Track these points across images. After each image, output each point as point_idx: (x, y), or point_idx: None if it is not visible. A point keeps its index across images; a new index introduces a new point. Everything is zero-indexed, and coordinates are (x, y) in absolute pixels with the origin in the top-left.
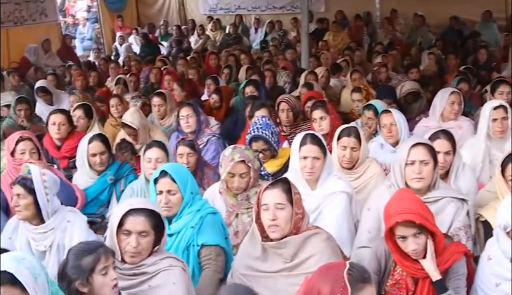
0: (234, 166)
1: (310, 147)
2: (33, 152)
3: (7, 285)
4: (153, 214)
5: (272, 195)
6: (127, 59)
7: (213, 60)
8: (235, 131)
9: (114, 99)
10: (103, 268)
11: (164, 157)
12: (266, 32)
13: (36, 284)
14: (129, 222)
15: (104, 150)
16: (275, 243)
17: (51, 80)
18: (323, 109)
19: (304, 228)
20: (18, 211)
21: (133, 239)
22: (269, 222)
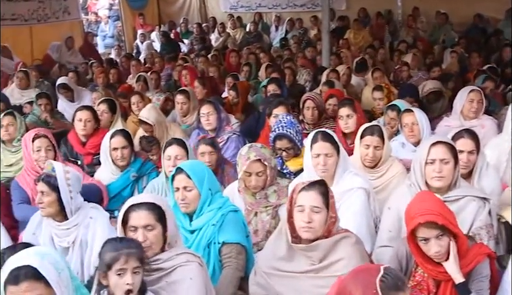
0: (250, 165)
1: (322, 145)
2: (49, 149)
3: (31, 280)
4: (156, 207)
5: (309, 197)
6: (149, 56)
7: (233, 58)
8: (256, 129)
9: (135, 97)
10: (120, 270)
11: (184, 154)
12: (286, 30)
13: (59, 279)
14: (133, 218)
15: (125, 144)
16: (306, 246)
17: (72, 77)
18: (350, 106)
19: (335, 231)
20: (42, 208)
21: (140, 234)
22: (303, 223)
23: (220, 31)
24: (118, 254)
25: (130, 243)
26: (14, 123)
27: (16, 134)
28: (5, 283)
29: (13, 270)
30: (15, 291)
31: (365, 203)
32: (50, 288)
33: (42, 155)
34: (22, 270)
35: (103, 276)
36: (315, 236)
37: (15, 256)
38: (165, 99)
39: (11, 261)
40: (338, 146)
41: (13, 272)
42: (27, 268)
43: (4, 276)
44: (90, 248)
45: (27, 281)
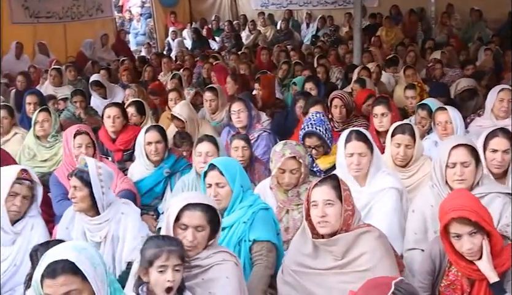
0: (285, 162)
1: (356, 144)
2: (89, 146)
3: (68, 274)
4: (209, 209)
5: (321, 192)
6: (180, 54)
7: (264, 56)
8: (285, 127)
9: (173, 93)
10: (161, 266)
11: (215, 151)
12: (317, 28)
13: (95, 273)
14: (186, 217)
15: (159, 139)
16: (326, 240)
17: (105, 74)
18: (385, 105)
19: (355, 226)
20: (75, 202)
21: (189, 233)
22: (318, 218)
23: (251, 29)
24: (159, 250)
25: (172, 240)
26: (49, 119)
27: (51, 130)
28: (42, 276)
29: (51, 263)
30: (52, 284)
31: (397, 203)
32: (86, 283)
33: (82, 151)
34: (59, 264)
35: (144, 273)
36: (332, 230)
37: (53, 250)
38: (195, 94)
39: (49, 254)
40: (372, 145)
41: (51, 266)
42: (64, 262)
43: (41, 269)
44: (122, 243)
45: (64, 275)
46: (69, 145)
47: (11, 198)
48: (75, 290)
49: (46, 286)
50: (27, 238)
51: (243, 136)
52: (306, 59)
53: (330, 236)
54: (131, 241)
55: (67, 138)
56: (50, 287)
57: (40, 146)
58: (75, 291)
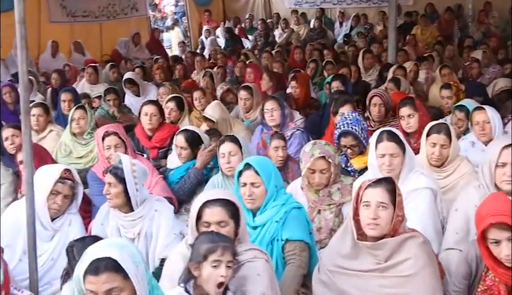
0: (314, 162)
1: (387, 145)
2: (118, 146)
3: (111, 271)
4: (229, 204)
5: (376, 194)
6: (213, 52)
7: (298, 54)
8: (320, 126)
9: (197, 92)
10: (215, 261)
11: (237, 150)
12: (351, 26)
13: (137, 271)
14: (206, 214)
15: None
16: (372, 244)
17: (139, 73)
18: (411, 106)
19: (401, 231)
20: (109, 199)
21: (212, 229)
22: (369, 220)
23: (284, 27)
24: (215, 245)
25: (225, 237)
26: (85, 116)
27: (87, 127)
28: (85, 273)
29: (94, 260)
30: (95, 281)
31: (432, 204)
32: (128, 280)
33: (111, 152)
34: (102, 261)
35: (195, 267)
36: (381, 234)
37: (95, 247)
38: (226, 90)
39: (91, 251)
40: (404, 145)
41: (94, 263)
42: (107, 259)
43: (84, 265)
44: (155, 240)
45: (107, 273)
46: (100, 146)
47: (53, 196)
48: (117, 287)
49: (89, 283)
50: (65, 233)
51: (281, 136)
52: (340, 58)
53: (376, 239)
54: (164, 238)
55: (98, 140)
56: (92, 283)
57: (76, 143)
58: (117, 288)
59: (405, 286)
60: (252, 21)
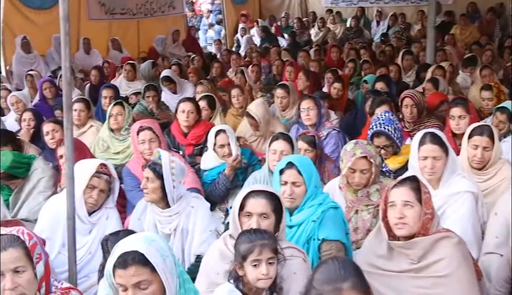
0: (356, 162)
1: (430, 147)
2: (152, 141)
3: (139, 265)
4: (273, 197)
5: (400, 193)
6: (249, 51)
7: (334, 53)
8: (354, 126)
9: (235, 90)
10: (255, 260)
11: (289, 149)
12: (388, 25)
13: (164, 265)
14: (250, 205)
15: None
16: (403, 243)
17: (175, 70)
18: (463, 107)
19: (434, 230)
20: (146, 193)
21: (254, 221)
22: (396, 219)
23: (320, 26)
24: (252, 245)
25: (263, 234)
26: (122, 112)
27: (124, 123)
28: (114, 266)
29: (122, 254)
30: (123, 274)
31: (472, 208)
32: (156, 274)
33: (146, 147)
34: (130, 254)
35: (239, 267)
36: (410, 233)
37: (124, 241)
38: None
39: (120, 245)
40: (447, 148)
41: (122, 256)
42: (135, 253)
43: (113, 259)
44: (191, 236)
45: (135, 266)
46: (135, 141)
47: (89, 190)
48: (145, 280)
49: (118, 276)
50: (102, 227)
51: (307, 138)
52: (378, 57)
53: (407, 239)
54: (200, 234)
55: (133, 134)
56: (121, 277)
57: (113, 139)
58: (145, 281)
59: (440, 287)
60: (288, 20)
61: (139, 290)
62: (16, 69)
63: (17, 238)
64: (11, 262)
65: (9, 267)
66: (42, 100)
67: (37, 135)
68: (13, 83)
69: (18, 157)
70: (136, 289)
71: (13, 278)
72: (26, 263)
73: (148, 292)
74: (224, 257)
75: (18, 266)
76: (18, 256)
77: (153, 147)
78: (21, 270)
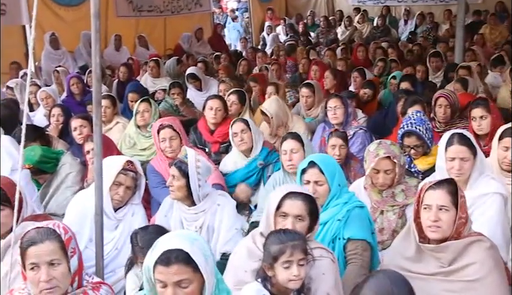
0: (379, 162)
1: (458, 148)
2: (173, 138)
3: (182, 263)
4: (309, 200)
5: (436, 196)
6: (275, 49)
7: (361, 52)
8: (384, 126)
9: (270, 87)
10: (286, 262)
11: (299, 147)
12: (415, 25)
13: (207, 264)
14: (286, 205)
15: (244, 128)
16: (434, 246)
17: (201, 67)
18: (484, 107)
19: (466, 234)
20: (171, 191)
21: (289, 222)
22: (430, 222)
23: (347, 25)
24: (283, 246)
25: (294, 235)
26: (149, 109)
27: (151, 120)
28: (155, 263)
29: (165, 251)
30: (165, 272)
31: (501, 210)
32: (197, 273)
33: (166, 145)
34: (173, 253)
35: (268, 268)
36: (443, 237)
37: (166, 238)
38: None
39: (162, 242)
40: (475, 149)
41: (165, 253)
42: (178, 251)
43: (155, 256)
44: (217, 234)
45: (178, 264)
46: (155, 139)
47: (115, 187)
48: (187, 279)
49: (159, 273)
50: (128, 223)
51: (341, 134)
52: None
53: (439, 242)
54: (226, 232)
55: (154, 133)
56: (162, 274)
57: (140, 135)
58: (186, 280)
59: (471, 291)
60: (314, 18)
61: (179, 288)
62: (44, 65)
63: (53, 231)
64: (47, 255)
65: (45, 259)
66: (70, 96)
67: (65, 130)
68: (41, 79)
69: (46, 152)
70: (176, 287)
71: (48, 271)
72: (61, 256)
73: (188, 291)
74: (253, 255)
75: (54, 259)
76: (54, 249)
77: (174, 145)
78: (56, 262)
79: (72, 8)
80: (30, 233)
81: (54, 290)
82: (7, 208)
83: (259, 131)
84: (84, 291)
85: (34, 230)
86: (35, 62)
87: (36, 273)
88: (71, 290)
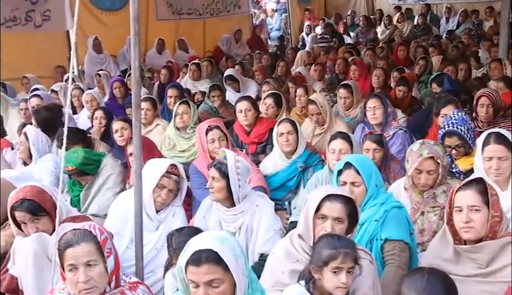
0: (422, 163)
1: (495, 147)
2: (222, 139)
3: (212, 263)
4: (349, 202)
5: (466, 197)
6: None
7: (401, 51)
8: (425, 126)
9: (300, 89)
10: (336, 268)
11: (348, 148)
12: (458, 22)
13: (237, 264)
14: (326, 207)
15: (290, 130)
16: (469, 247)
17: (239, 69)
18: None
19: (503, 233)
20: (212, 192)
21: (328, 225)
22: (462, 224)
23: (387, 24)
24: (336, 252)
25: (347, 242)
26: (188, 111)
27: (190, 122)
28: (187, 263)
29: (196, 251)
30: (196, 272)
31: None
32: (228, 273)
33: (216, 145)
34: (204, 253)
35: (316, 270)
36: (477, 237)
37: (197, 238)
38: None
39: (193, 243)
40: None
41: (196, 254)
42: (209, 251)
43: (186, 256)
44: (255, 235)
45: (208, 264)
46: (202, 140)
47: (158, 189)
48: (218, 279)
49: (190, 273)
50: (168, 224)
51: (375, 138)
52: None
53: (474, 242)
54: (264, 233)
55: (200, 134)
56: (193, 274)
57: (179, 137)
58: (217, 280)
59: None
60: (354, 18)
61: (210, 288)
62: (87, 69)
63: (89, 233)
64: (84, 256)
65: (82, 260)
66: (112, 99)
67: (107, 133)
68: (84, 82)
69: (88, 154)
70: (208, 287)
71: (86, 272)
72: (97, 257)
73: (220, 290)
74: (290, 256)
75: (90, 260)
76: (91, 250)
77: (223, 146)
78: (93, 263)
79: (113, 12)
80: (67, 235)
81: (93, 290)
82: (43, 217)
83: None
84: (121, 291)
85: (71, 232)
86: (79, 66)
87: (74, 274)
88: (109, 290)
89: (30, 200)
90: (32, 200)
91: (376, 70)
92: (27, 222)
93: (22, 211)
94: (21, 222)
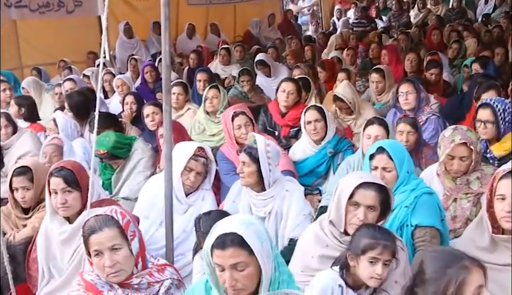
0: (455, 149)
1: None
2: (248, 124)
3: (237, 246)
4: (382, 190)
5: (510, 185)
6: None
7: (435, 35)
8: (460, 111)
9: (342, 74)
10: (373, 258)
11: (384, 134)
12: (494, 5)
13: (262, 248)
14: (359, 194)
15: (318, 118)
16: (509, 237)
17: (271, 53)
18: None
19: None
20: (242, 177)
21: (361, 212)
22: (505, 213)
23: (420, 7)
24: (375, 243)
25: (387, 234)
26: (218, 96)
27: (219, 106)
28: (212, 246)
29: (221, 235)
30: (221, 255)
31: None
32: (252, 256)
33: (242, 131)
34: (229, 236)
35: (352, 258)
36: None
37: (223, 222)
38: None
39: (219, 226)
40: None
41: (221, 237)
42: (233, 235)
43: (212, 240)
44: (285, 220)
45: (233, 248)
46: (228, 127)
47: (186, 172)
48: (243, 262)
49: (216, 256)
50: (198, 208)
51: (410, 120)
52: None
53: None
54: (294, 218)
55: (226, 120)
56: (219, 257)
57: (209, 121)
58: (242, 263)
59: None
60: (386, 1)
61: (236, 271)
62: (119, 54)
63: (111, 218)
64: (108, 241)
65: (106, 245)
66: (143, 83)
67: (138, 117)
68: (116, 67)
69: (120, 138)
70: (233, 270)
71: (111, 256)
72: (121, 241)
73: (245, 273)
74: (320, 241)
75: (115, 244)
76: (114, 235)
77: (249, 131)
78: (118, 247)
79: None
80: (89, 222)
81: (120, 273)
82: (75, 191)
83: (332, 119)
84: (149, 272)
85: (93, 218)
86: (110, 51)
87: (100, 259)
88: (136, 271)
89: (69, 170)
90: (71, 170)
91: (409, 54)
92: (59, 191)
93: (59, 177)
94: (53, 191)
